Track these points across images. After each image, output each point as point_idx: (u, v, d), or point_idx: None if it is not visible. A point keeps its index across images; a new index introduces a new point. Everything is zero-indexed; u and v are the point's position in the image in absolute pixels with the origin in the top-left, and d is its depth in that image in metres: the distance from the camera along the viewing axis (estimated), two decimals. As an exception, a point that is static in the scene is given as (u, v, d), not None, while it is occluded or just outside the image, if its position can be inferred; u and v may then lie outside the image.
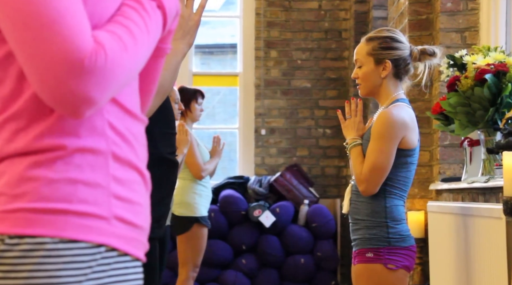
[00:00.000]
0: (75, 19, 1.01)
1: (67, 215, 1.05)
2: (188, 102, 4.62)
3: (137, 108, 1.19)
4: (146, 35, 1.10)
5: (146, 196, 1.19)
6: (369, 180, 2.63)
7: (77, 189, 1.06)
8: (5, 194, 1.05)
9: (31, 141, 1.06)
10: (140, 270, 1.17)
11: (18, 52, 1.02)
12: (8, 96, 1.08)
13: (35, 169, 1.05)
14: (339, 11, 6.28)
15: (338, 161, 6.22)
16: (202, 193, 4.59)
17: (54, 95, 1.01)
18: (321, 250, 5.60)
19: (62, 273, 1.03)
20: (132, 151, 1.15)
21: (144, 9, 1.12)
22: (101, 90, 1.03)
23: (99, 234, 1.07)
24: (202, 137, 5.09)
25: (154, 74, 1.31)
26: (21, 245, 1.03)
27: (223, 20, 7.82)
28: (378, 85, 2.75)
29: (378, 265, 2.62)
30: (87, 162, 1.08)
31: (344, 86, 6.24)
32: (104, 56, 1.02)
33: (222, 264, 5.58)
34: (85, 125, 1.08)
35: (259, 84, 6.26)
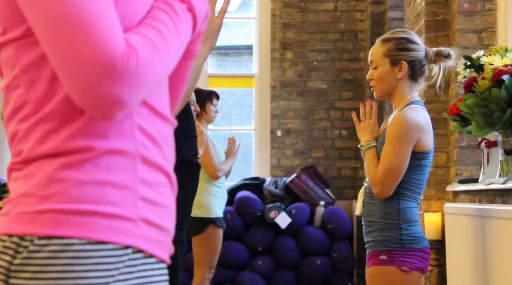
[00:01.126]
0: (107, 22, 1.02)
1: (95, 216, 1.05)
2: (203, 103, 4.63)
3: (167, 110, 1.19)
4: (176, 38, 1.11)
5: (172, 199, 1.19)
6: (383, 183, 2.63)
7: (105, 190, 1.07)
8: (35, 195, 1.06)
9: (61, 143, 1.07)
10: (165, 272, 1.18)
11: (51, 55, 1.03)
12: (41, 98, 1.09)
13: (64, 171, 1.06)
14: (355, 12, 6.26)
15: (354, 162, 6.20)
16: (217, 194, 4.59)
17: (86, 97, 1.02)
18: (337, 251, 5.59)
19: (90, 274, 1.04)
20: (161, 154, 1.15)
21: (175, 11, 1.12)
22: (132, 92, 1.03)
23: (126, 236, 1.07)
24: (218, 138, 5.10)
25: (183, 76, 1.31)
26: (50, 246, 1.03)
27: (239, 21, 7.83)
28: (393, 87, 2.74)
29: (391, 267, 2.61)
30: (116, 164, 1.08)
31: (360, 87, 6.22)
32: (136, 58, 1.02)
33: (238, 265, 5.58)
34: (115, 127, 1.09)
35: (275, 85, 6.25)
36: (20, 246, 1.04)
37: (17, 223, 1.06)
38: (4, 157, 5.97)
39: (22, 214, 1.06)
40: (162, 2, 1.13)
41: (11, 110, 1.12)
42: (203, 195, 4.48)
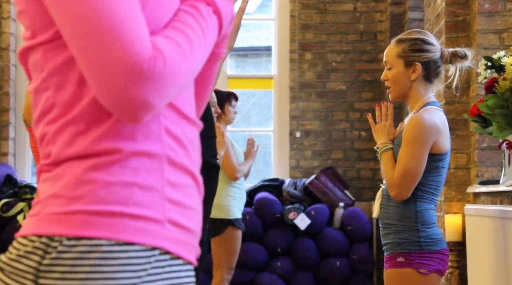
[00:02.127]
0: (134, 25, 1.02)
1: (123, 217, 1.06)
2: (222, 104, 4.63)
3: (193, 112, 1.20)
4: (202, 40, 1.11)
5: (199, 201, 1.20)
6: (400, 185, 2.62)
7: (133, 192, 1.07)
8: (64, 196, 1.07)
9: (89, 145, 1.08)
10: (192, 274, 1.18)
11: (78, 58, 1.04)
12: (69, 101, 1.10)
13: (93, 172, 1.07)
14: (374, 13, 6.24)
15: (374, 163, 6.18)
16: (236, 195, 4.59)
17: (113, 100, 1.03)
18: (356, 253, 5.57)
19: (117, 275, 1.05)
20: (187, 156, 1.16)
21: (201, 14, 1.13)
22: (159, 95, 1.04)
23: (154, 237, 1.08)
24: (237, 139, 5.11)
25: (209, 78, 1.32)
26: (78, 247, 1.04)
27: (258, 23, 7.83)
28: (408, 88, 2.73)
29: (409, 270, 2.60)
30: (143, 166, 1.09)
31: (380, 88, 6.20)
32: (163, 61, 1.03)
33: (257, 266, 5.58)
34: (142, 129, 1.09)
35: (293, 86, 6.25)
36: (49, 246, 1.05)
37: (46, 223, 1.07)
38: (26, 159, 6.02)
39: (51, 215, 1.07)
40: (189, 5, 1.14)
41: (39, 113, 1.14)
42: (222, 196, 4.48)
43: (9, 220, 5.23)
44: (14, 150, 5.95)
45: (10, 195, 5.34)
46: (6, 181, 5.48)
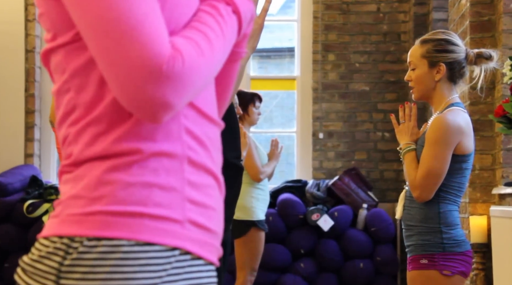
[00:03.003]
0: (154, 26, 1.03)
1: (142, 218, 1.06)
2: (246, 105, 4.64)
3: (214, 112, 1.20)
4: (222, 40, 1.11)
5: (220, 201, 1.20)
6: (423, 186, 2.60)
7: (153, 192, 1.08)
8: (84, 197, 1.08)
9: (109, 145, 1.08)
10: (213, 274, 1.18)
11: (98, 59, 1.05)
12: (90, 102, 1.10)
13: (112, 173, 1.07)
14: (398, 13, 6.21)
15: (397, 164, 6.15)
16: (259, 196, 4.59)
17: (133, 100, 1.03)
18: (380, 254, 5.54)
19: (137, 275, 1.05)
20: (208, 156, 1.16)
21: (220, 14, 1.13)
22: (179, 95, 1.04)
23: (174, 238, 1.08)
24: (259, 140, 5.11)
25: (230, 78, 1.32)
26: (98, 247, 1.05)
27: (281, 24, 7.83)
28: (431, 89, 2.71)
29: (433, 272, 2.58)
30: (163, 166, 1.09)
31: (403, 89, 6.17)
32: (182, 61, 1.03)
33: (281, 268, 5.57)
34: (161, 129, 1.10)
35: (316, 87, 6.24)
36: (70, 247, 1.06)
37: (67, 224, 1.08)
38: (50, 160, 6.07)
39: (72, 216, 1.08)
40: (208, 5, 1.14)
41: (62, 114, 1.14)
42: (245, 197, 4.48)
43: (35, 221, 5.27)
44: (40, 152, 6.00)
45: (35, 196, 5.39)
46: (32, 182, 5.53)
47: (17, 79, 5.85)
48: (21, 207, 5.27)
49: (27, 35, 5.89)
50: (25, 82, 5.88)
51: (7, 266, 5.29)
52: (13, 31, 5.82)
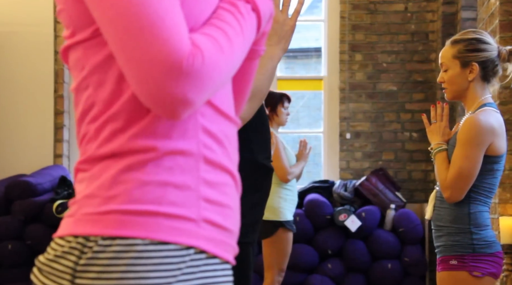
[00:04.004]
0: (173, 22, 1.03)
1: (157, 217, 1.06)
2: (275, 106, 4.64)
3: (231, 110, 1.20)
4: (241, 38, 1.11)
5: (237, 199, 1.19)
6: (454, 187, 2.58)
7: (167, 191, 1.07)
8: (99, 196, 1.08)
9: (125, 142, 1.08)
10: (229, 273, 1.18)
11: (118, 55, 1.05)
12: (108, 98, 1.10)
13: (127, 172, 1.07)
14: (426, 13, 6.17)
15: (425, 165, 6.11)
16: (287, 197, 4.59)
17: (152, 97, 1.03)
18: (408, 255, 5.51)
19: (152, 274, 1.05)
20: (225, 154, 1.15)
21: (239, 11, 1.13)
22: (198, 91, 1.04)
23: (188, 236, 1.08)
24: (286, 141, 5.11)
25: (249, 76, 1.32)
26: (113, 246, 1.05)
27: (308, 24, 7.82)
28: (465, 89, 2.69)
29: (463, 273, 2.56)
30: (178, 164, 1.09)
31: (431, 89, 6.13)
32: (201, 58, 1.03)
33: (308, 268, 5.56)
34: (178, 127, 1.09)
35: (344, 87, 6.22)
36: (85, 246, 1.06)
37: (82, 224, 1.08)
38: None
39: (87, 215, 1.08)
40: (227, 3, 1.14)
41: (81, 111, 1.14)
42: (273, 198, 4.48)
43: (64, 221, 5.31)
44: (68, 152, 6.05)
45: (64, 196, 5.44)
46: (61, 183, 5.58)
47: (46, 80, 5.91)
48: (50, 207, 5.32)
49: (56, 37, 5.95)
50: (54, 83, 5.94)
51: (37, 265, 5.33)
52: (42, 32, 5.88)
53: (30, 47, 5.87)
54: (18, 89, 5.86)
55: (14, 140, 5.85)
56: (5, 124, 5.85)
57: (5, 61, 5.85)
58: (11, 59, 5.86)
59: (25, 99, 5.86)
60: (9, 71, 5.86)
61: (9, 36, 5.86)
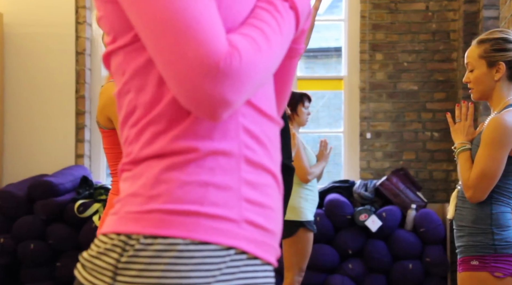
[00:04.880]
0: (210, 24, 1.03)
1: (198, 217, 1.07)
2: (295, 106, 4.63)
3: (272, 110, 1.20)
4: (279, 36, 1.11)
5: (279, 200, 1.19)
6: (476, 187, 2.57)
7: (209, 191, 1.08)
8: (142, 195, 1.09)
9: (167, 144, 1.09)
10: (271, 275, 1.18)
11: (156, 59, 1.06)
12: (149, 102, 1.11)
13: (170, 172, 1.08)
14: (447, 11, 6.14)
15: (447, 165, 6.08)
16: (308, 197, 4.58)
17: (192, 99, 1.04)
18: (430, 255, 5.49)
19: (192, 274, 1.06)
20: (267, 154, 1.16)
21: (277, 10, 1.13)
22: (237, 92, 1.04)
23: (229, 237, 1.08)
24: (306, 141, 5.10)
25: (289, 75, 1.32)
26: (154, 245, 1.06)
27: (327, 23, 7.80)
28: (491, 89, 2.68)
29: (484, 273, 2.55)
30: (219, 165, 1.09)
31: (453, 88, 6.10)
32: (239, 58, 1.03)
33: (328, 268, 5.55)
34: (219, 128, 1.10)
35: (364, 87, 6.20)
36: (127, 244, 1.07)
37: (124, 222, 1.09)
38: (100, 161, 6.15)
39: (130, 213, 1.09)
40: (265, 2, 1.14)
41: (123, 116, 1.16)
42: (294, 198, 4.48)
43: (85, 221, 5.35)
44: (90, 152, 6.09)
45: (86, 196, 5.47)
46: (82, 183, 5.61)
47: (67, 81, 5.95)
48: (72, 207, 5.35)
49: (78, 38, 5.98)
50: (76, 84, 5.97)
51: (59, 265, 5.37)
52: (63, 33, 5.92)
53: (52, 48, 5.92)
54: (40, 90, 5.90)
55: (36, 140, 5.89)
56: (28, 125, 5.90)
57: (27, 62, 5.90)
58: (33, 60, 5.90)
59: (47, 99, 5.90)
60: (31, 72, 5.91)
61: (31, 37, 5.91)
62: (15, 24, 5.89)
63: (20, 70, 5.90)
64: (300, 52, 1.28)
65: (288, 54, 1.23)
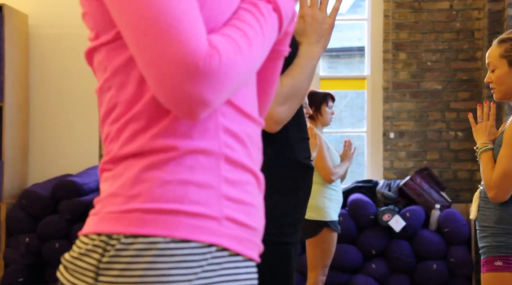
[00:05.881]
0: (191, 24, 1.03)
1: (178, 215, 1.08)
2: (319, 105, 4.62)
3: (254, 110, 1.21)
4: (261, 38, 1.12)
5: (260, 198, 1.20)
6: (499, 187, 2.56)
7: (189, 190, 1.09)
8: (122, 195, 1.10)
9: (147, 142, 1.10)
10: (253, 270, 1.19)
11: (137, 57, 1.06)
12: (130, 99, 1.12)
13: (149, 171, 1.09)
14: (471, 10, 6.10)
15: (471, 164, 6.04)
16: (332, 197, 4.57)
17: (171, 97, 1.04)
18: (454, 256, 5.45)
19: (173, 271, 1.06)
20: (246, 153, 1.16)
21: (260, 12, 1.13)
22: (216, 92, 1.05)
23: (210, 234, 1.09)
24: (329, 140, 5.10)
25: (273, 76, 1.33)
26: (135, 245, 1.06)
27: (350, 23, 7.78)
28: None
29: (508, 274, 2.54)
30: (199, 163, 1.10)
31: (477, 87, 6.05)
32: (218, 58, 1.03)
33: (352, 268, 5.54)
34: (198, 127, 1.11)
35: (387, 87, 6.18)
36: (108, 244, 1.08)
37: (105, 222, 1.09)
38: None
39: (110, 213, 1.10)
40: (248, 3, 1.14)
41: (104, 112, 1.16)
42: (318, 198, 4.47)
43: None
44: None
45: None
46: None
47: (91, 81, 5.98)
48: (96, 207, 5.39)
49: (101, 38, 6.02)
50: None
51: (83, 264, 5.41)
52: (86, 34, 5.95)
53: (76, 48, 5.96)
54: (64, 90, 5.96)
55: (61, 141, 5.94)
56: (52, 126, 5.95)
57: (52, 63, 5.96)
58: (57, 60, 5.96)
59: (71, 100, 5.95)
60: (55, 73, 5.96)
61: (56, 38, 5.96)
62: (40, 25, 5.95)
63: (45, 70, 5.96)
64: (284, 54, 1.29)
65: (271, 55, 1.24)
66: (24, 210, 5.47)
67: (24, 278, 5.36)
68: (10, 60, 5.53)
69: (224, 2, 1.12)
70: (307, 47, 1.91)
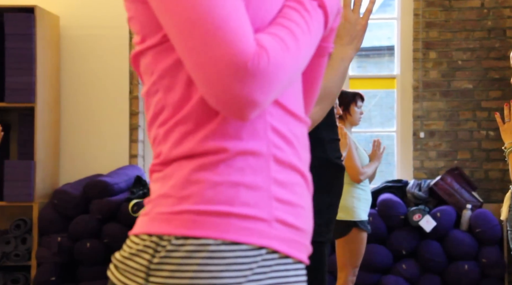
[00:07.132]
0: (238, 24, 1.03)
1: (229, 217, 1.07)
2: (348, 105, 4.61)
3: (300, 109, 1.20)
4: (307, 35, 1.11)
5: (308, 199, 1.19)
6: (528, 187, 2.53)
7: (239, 192, 1.08)
8: (173, 196, 1.09)
9: (197, 144, 1.09)
10: (302, 273, 1.18)
11: (185, 59, 1.06)
12: (178, 102, 1.12)
13: (200, 172, 1.08)
14: (503, 8, 6.03)
15: (503, 164, 5.97)
16: (361, 197, 4.55)
17: (220, 99, 1.04)
18: (486, 256, 5.39)
19: (224, 274, 1.06)
20: (295, 153, 1.16)
21: (305, 9, 1.12)
22: (265, 92, 1.04)
23: (260, 237, 1.09)
24: (358, 140, 5.08)
25: (317, 73, 1.32)
26: (186, 246, 1.06)
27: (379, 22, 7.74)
28: None
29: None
30: (249, 165, 1.09)
31: (509, 86, 5.98)
32: (267, 58, 1.03)
33: (382, 269, 5.51)
34: (247, 128, 1.10)
35: (417, 86, 6.13)
36: (159, 245, 1.08)
37: (156, 223, 1.09)
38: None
39: (161, 214, 1.10)
40: (293, 1, 1.13)
41: (151, 115, 1.16)
42: (347, 198, 4.45)
43: (140, 220, 5.41)
44: (143, 152, 6.17)
45: (140, 195, 5.54)
46: (136, 182, 5.68)
47: (121, 82, 6.03)
48: (126, 207, 5.42)
49: (132, 39, 6.06)
50: (129, 85, 6.05)
51: (114, 263, 5.45)
52: (117, 35, 6.00)
53: (106, 49, 6.01)
54: (95, 91, 6.00)
55: (92, 141, 5.99)
56: (83, 126, 6.00)
57: (82, 64, 6.01)
58: (88, 61, 6.01)
59: (102, 101, 6.00)
60: (86, 74, 6.01)
61: (87, 39, 6.01)
62: (71, 26, 6.00)
63: (76, 71, 6.01)
64: (329, 51, 1.28)
65: (317, 52, 1.23)
66: (55, 209, 5.52)
67: (56, 277, 5.42)
68: (42, 62, 5.59)
69: (269, 1, 1.11)
70: (340, 48, 1.90)
